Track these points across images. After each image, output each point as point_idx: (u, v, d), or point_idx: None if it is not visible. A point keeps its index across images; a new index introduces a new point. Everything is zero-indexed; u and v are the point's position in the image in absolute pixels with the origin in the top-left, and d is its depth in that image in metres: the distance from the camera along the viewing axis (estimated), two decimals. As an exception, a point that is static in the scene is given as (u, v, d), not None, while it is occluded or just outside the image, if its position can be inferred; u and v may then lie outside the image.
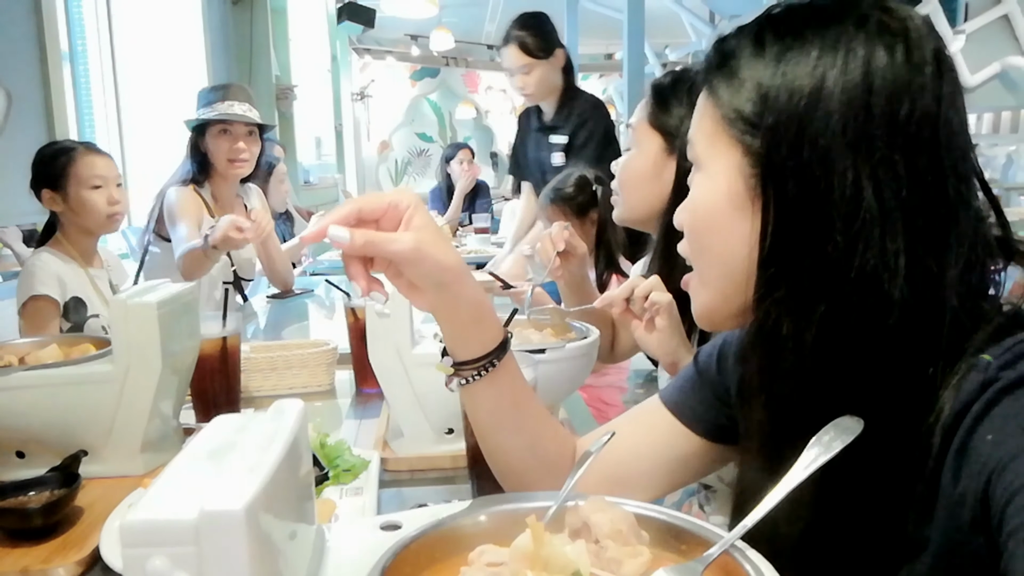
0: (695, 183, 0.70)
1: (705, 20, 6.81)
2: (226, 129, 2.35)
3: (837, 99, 0.59)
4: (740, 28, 0.67)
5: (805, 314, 0.61)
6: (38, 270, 1.93)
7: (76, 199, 1.97)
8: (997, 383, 0.54)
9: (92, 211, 1.98)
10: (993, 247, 0.62)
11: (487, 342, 0.76)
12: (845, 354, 0.60)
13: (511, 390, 0.80)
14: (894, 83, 0.58)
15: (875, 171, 0.58)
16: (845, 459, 0.57)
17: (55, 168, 1.98)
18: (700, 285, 0.72)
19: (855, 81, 0.58)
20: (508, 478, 0.85)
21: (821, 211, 0.59)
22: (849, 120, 0.58)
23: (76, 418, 1.08)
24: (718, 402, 0.81)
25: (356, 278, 0.69)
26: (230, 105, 2.35)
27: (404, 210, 0.69)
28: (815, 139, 0.59)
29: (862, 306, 0.59)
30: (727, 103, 0.65)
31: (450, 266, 0.71)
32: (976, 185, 0.62)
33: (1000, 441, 0.52)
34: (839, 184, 0.58)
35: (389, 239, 0.67)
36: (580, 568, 0.55)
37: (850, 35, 0.60)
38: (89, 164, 1.99)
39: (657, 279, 1.16)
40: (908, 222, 0.58)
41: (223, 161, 2.37)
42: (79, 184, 1.97)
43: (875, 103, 0.58)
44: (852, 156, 0.58)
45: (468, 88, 11.30)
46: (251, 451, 0.55)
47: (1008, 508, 0.49)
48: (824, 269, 0.59)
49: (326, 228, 0.66)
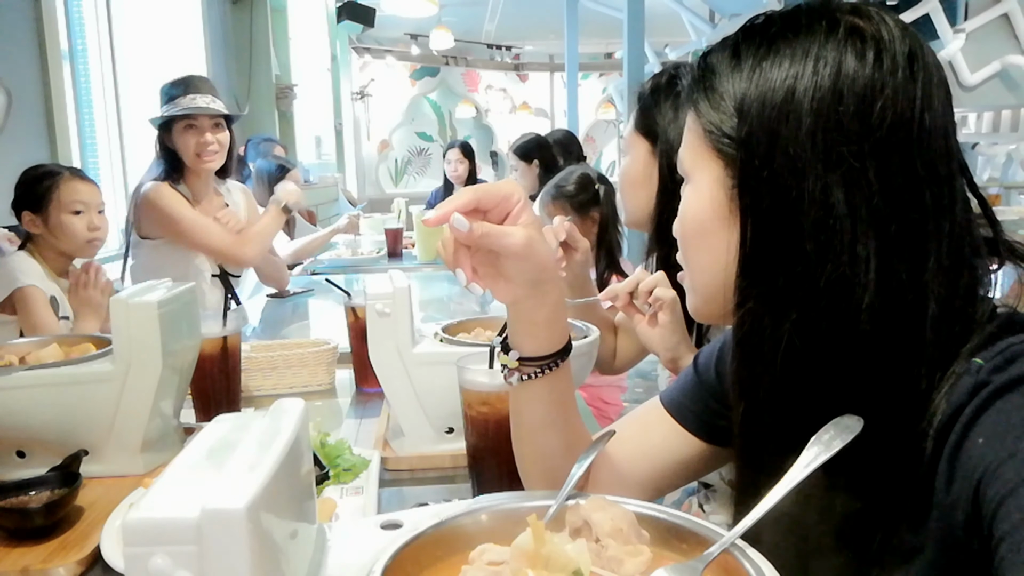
0: (684, 195, 0.71)
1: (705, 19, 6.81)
2: (191, 124, 2.32)
3: (807, 107, 0.59)
4: (721, 41, 0.68)
5: (778, 321, 0.61)
6: (20, 263, 1.94)
7: (56, 223, 1.97)
8: (988, 386, 0.54)
9: (72, 236, 1.99)
10: (981, 248, 0.62)
11: (555, 342, 0.77)
12: (821, 359, 0.60)
13: (563, 390, 0.81)
14: (864, 88, 0.58)
15: (845, 178, 0.58)
16: (840, 462, 0.57)
17: (38, 191, 1.98)
18: (689, 288, 0.74)
19: (825, 88, 0.59)
20: (540, 479, 0.85)
21: (792, 220, 0.60)
22: (819, 128, 0.58)
23: (76, 417, 1.08)
24: (717, 405, 0.81)
25: (462, 266, 0.69)
26: (192, 99, 2.32)
27: (514, 204, 0.69)
28: (786, 148, 0.59)
29: (833, 313, 0.59)
30: (707, 117, 0.66)
31: (549, 266, 0.72)
32: (963, 186, 0.62)
33: (991, 444, 0.52)
34: (809, 192, 0.59)
35: (504, 232, 0.67)
36: (581, 567, 0.55)
37: (821, 43, 0.60)
38: (72, 189, 1.99)
39: (662, 275, 1.17)
40: (880, 229, 0.58)
41: (192, 156, 2.34)
42: (60, 208, 1.97)
43: (845, 110, 0.58)
44: (822, 164, 0.58)
45: (468, 87, 11.30)
46: (252, 450, 0.56)
47: (999, 511, 0.49)
48: (796, 276, 0.60)
49: (449, 213, 0.66)
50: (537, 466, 0.85)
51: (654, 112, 1.32)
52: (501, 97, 11.51)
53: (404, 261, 3.70)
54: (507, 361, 0.78)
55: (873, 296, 0.58)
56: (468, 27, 9.73)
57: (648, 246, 1.37)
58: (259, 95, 5.21)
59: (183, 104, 2.30)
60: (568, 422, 0.83)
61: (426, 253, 3.67)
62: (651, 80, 1.36)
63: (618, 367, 1.62)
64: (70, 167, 2.10)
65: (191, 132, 2.32)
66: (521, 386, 0.79)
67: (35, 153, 2.66)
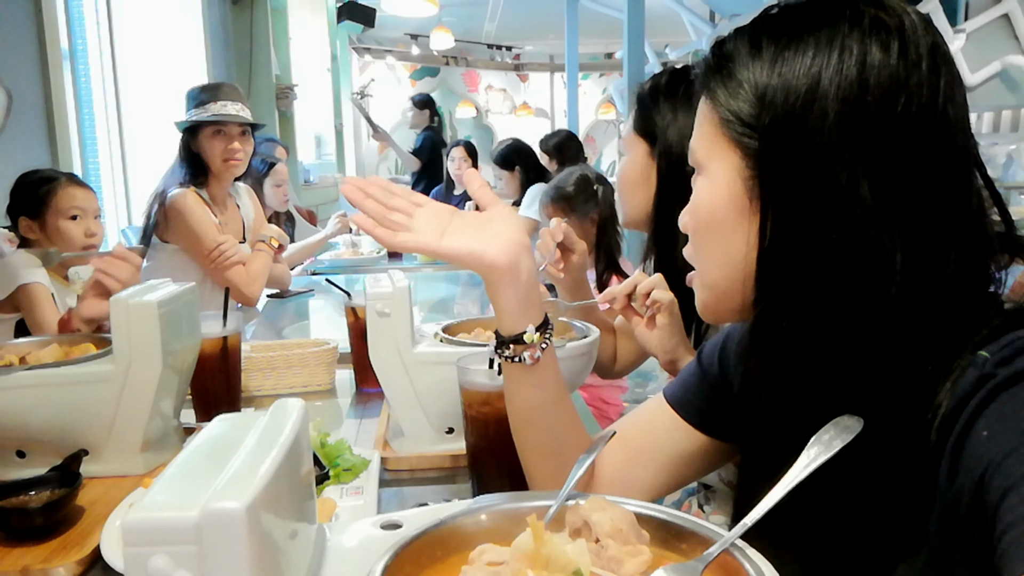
0: (697, 186, 0.70)
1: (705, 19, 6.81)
2: (220, 130, 2.35)
3: (833, 98, 0.58)
4: (737, 30, 0.67)
5: (802, 313, 0.61)
6: (23, 260, 1.93)
7: (53, 228, 1.97)
8: (994, 379, 0.54)
9: (68, 241, 1.98)
10: (994, 243, 0.62)
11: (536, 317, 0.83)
12: (843, 352, 0.60)
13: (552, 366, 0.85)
14: (889, 80, 0.58)
15: (871, 169, 0.58)
16: (845, 456, 0.57)
17: (35, 196, 1.97)
18: (701, 285, 0.73)
19: (850, 79, 0.58)
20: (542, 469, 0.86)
21: (817, 211, 0.59)
22: (845, 119, 0.58)
23: (76, 417, 1.08)
24: (721, 399, 0.81)
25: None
26: (223, 105, 2.35)
27: None
28: (811, 138, 0.59)
29: (859, 305, 0.59)
30: (725, 106, 0.65)
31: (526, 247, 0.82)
32: (978, 180, 0.61)
33: (995, 437, 0.52)
34: (835, 183, 0.58)
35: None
36: (581, 567, 0.55)
37: (845, 33, 0.60)
38: (70, 195, 1.98)
39: (660, 277, 1.17)
40: (905, 220, 0.58)
41: (218, 161, 2.37)
42: (57, 214, 1.97)
43: (870, 101, 0.58)
44: (848, 155, 0.58)
45: (468, 87, 11.30)
46: (252, 450, 0.56)
47: (1002, 504, 0.49)
48: (820, 268, 0.59)
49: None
50: (539, 455, 0.86)
51: (653, 113, 1.32)
52: (501, 97, 11.51)
53: (404, 261, 3.70)
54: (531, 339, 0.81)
55: (899, 288, 0.58)
56: (468, 27, 9.73)
57: (646, 248, 1.37)
58: (259, 95, 5.21)
59: (213, 110, 2.34)
60: (563, 400, 0.86)
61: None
62: (650, 81, 1.36)
63: (618, 371, 1.61)
64: (67, 172, 2.10)
65: (219, 138, 2.35)
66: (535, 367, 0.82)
67: (35, 153, 2.66)
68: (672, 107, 1.29)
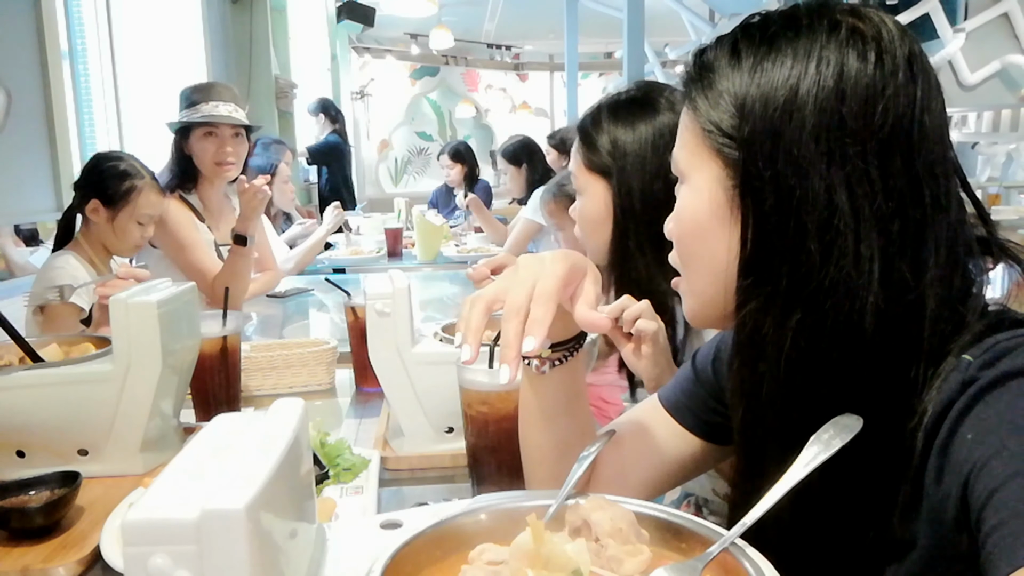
0: (680, 195, 0.71)
1: (705, 19, 6.81)
2: (212, 131, 2.27)
3: (810, 108, 0.59)
4: (718, 39, 0.68)
5: (782, 321, 0.61)
6: (61, 272, 1.91)
7: (121, 225, 1.98)
8: (976, 383, 0.54)
9: (127, 241, 2.01)
10: (974, 247, 0.63)
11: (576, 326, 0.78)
12: (824, 359, 0.61)
13: (581, 371, 0.85)
14: (866, 90, 0.58)
15: (848, 179, 0.58)
16: (834, 460, 0.58)
17: (118, 188, 1.97)
18: (687, 292, 0.74)
19: (828, 89, 0.59)
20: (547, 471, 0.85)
21: (796, 220, 0.60)
22: (822, 129, 0.59)
23: (76, 417, 1.08)
24: (714, 402, 0.81)
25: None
26: (215, 106, 2.27)
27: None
28: (789, 149, 0.59)
29: (837, 312, 0.59)
30: (706, 116, 0.66)
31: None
32: (957, 186, 0.62)
33: (979, 440, 0.52)
34: (813, 193, 0.59)
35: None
36: (580, 566, 0.55)
37: (823, 43, 0.60)
38: (149, 202, 2.00)
39: (647, 304, 1.09)
40: (882, 229, 0.58)
41: (209, 164, 2.30)
42: (132, 214, 1.98)
43: (848, 111, 0.58)
44: (826, 164, 0.59)
45: (468, 87, 11.30)
46: (251, 450, 0.56)
47: (987, 506, 0.49)
48: (800, 277, 0.60)
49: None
50: (548, 457, 0.85)
51: (599, 142, 1.31)
52: (501, 97, 11.50)
53: (404, 261, 3.70)
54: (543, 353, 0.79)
55: (876, 295, 0.58)
56: (468, 27, 9.72)
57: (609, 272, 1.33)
58: (259, 95, 5.21)
59: (204, 111, 2.26)
60: (583, 407, 0.86)
61: (426, 253, 3.67)
62: (589, 111, 1.34)
63: None
64: (149, 171, 2.07)
65: (210, 140, 2.28)
66: (543, 375, 0.80)
67: (35, 153, 2.66)
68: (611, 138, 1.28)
